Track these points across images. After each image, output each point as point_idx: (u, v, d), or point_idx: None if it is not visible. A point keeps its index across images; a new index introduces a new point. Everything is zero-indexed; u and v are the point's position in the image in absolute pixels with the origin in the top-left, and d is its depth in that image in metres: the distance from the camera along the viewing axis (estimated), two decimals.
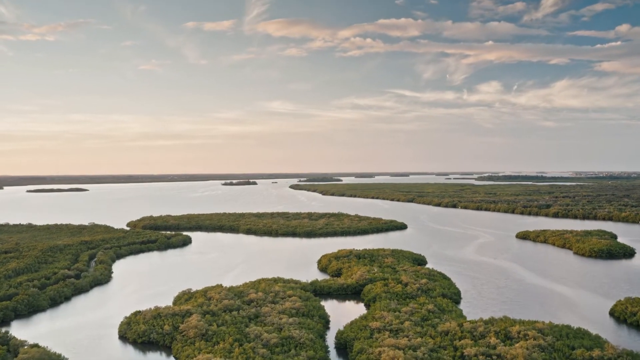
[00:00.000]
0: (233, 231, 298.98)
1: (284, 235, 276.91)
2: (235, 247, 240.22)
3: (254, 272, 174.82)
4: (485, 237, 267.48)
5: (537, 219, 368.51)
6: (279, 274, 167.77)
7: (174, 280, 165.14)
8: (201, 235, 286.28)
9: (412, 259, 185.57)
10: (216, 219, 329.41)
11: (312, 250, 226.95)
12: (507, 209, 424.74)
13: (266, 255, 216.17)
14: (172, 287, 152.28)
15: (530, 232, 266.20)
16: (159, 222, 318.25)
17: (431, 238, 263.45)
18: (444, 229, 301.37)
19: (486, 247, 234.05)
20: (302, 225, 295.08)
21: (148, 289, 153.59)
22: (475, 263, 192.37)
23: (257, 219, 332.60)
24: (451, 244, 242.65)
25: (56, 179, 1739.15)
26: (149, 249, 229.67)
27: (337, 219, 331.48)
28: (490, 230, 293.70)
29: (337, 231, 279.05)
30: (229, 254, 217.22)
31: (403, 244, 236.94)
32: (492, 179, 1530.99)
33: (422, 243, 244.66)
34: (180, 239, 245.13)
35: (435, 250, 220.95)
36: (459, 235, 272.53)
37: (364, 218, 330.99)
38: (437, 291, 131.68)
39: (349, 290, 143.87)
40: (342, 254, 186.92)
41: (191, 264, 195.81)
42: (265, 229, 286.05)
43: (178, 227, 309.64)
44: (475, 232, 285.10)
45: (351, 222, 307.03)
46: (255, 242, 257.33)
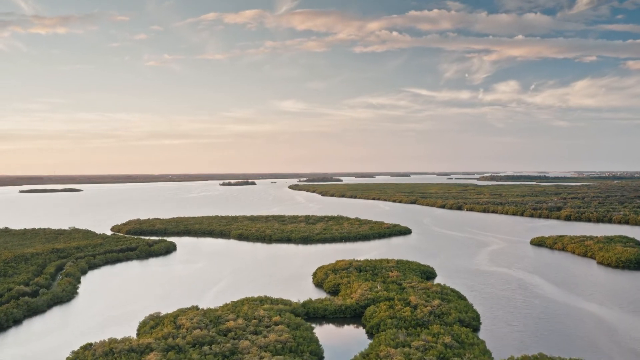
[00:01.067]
0: (224, 236, 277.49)
1: (278, 242, 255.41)
2: (223, 255, 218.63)
3: (240, 287, 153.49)
4: (497, 243, 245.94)
5: (548, 223, 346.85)
6: (268, 289, 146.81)
7: (147, 297, 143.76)
8: (189, 241, 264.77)
9: (420, 272, 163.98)
10: (206, 223, 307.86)
11: (308, 259, 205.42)
12: (516, 212, 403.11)
13: (256, 265, 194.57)
14: (143, 306, 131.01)
15: (546, 237, 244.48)
16: (145, 227, 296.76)
17: (438, 244, 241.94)
18: (451, 234, 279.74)
19: (499, 255, 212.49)
20: (298, 229, 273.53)
21: (114, 309, 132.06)
22: (490, 275, 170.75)
23: (250, 222, 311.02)
24: (460, 251, 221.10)
25: (54, 179, 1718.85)
26: (128, 258, 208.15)
27: (336, 222, 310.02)
28: (501, 236, 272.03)
29: (335, 237, 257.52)
30: (215, 264, 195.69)
31: (408, 252, 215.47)
32: (495, 179, 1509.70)
33: (428, 251, 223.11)
34: (163, 247, 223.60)
35: (444, 260, 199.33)
36: (468, 241, 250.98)
37: (365, 222, 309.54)
38: (453, 316, 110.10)
39: (348, 313, 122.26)
40: (341, 266, 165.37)
41: (171, 277, 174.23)
42: (258, 235, 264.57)
43: (165, 232, 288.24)
44: (485, 238, 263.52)
45: (351, 227, 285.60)
46: (246, 250, 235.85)
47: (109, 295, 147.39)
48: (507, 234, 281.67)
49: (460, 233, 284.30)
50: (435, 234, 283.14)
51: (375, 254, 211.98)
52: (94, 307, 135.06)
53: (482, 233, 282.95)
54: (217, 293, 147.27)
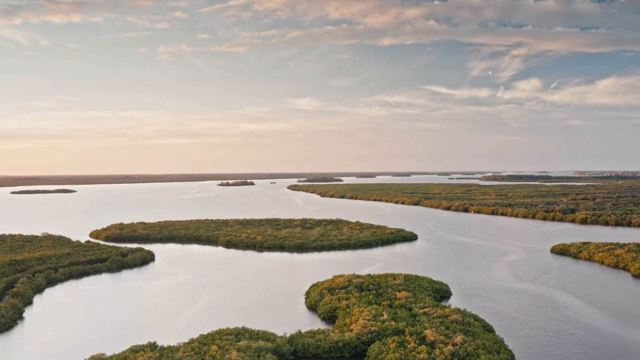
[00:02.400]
0: (211, 243, 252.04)
1: (270, 249, 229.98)
2: (206, 266, 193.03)
3: (218, 311, 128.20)
4: (513, 251, 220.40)
5: (564, 227, 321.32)
6: (251, 313, 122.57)
7: (103, 325, 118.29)
8: (171, 249, 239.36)
9: (433, 290, 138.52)
10: (193, 228, 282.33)
11: (301, 272, 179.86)
12: (527, 214, 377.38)
13: (241, 281, 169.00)
14: (92, 340, 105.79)
15: (568, 245, 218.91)
16: (126, 232, 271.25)
17: (448, 253, 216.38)
18: (460, 241, 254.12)
19: (519, 266, 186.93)
20: (292, 235, 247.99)
21: (56, 343, 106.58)
22: (514, 293, 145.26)
23: (241, 227, 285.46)
24: (474, 261, 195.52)
25: (50, 179, 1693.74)
26: (96, 271, 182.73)
27: (334, 227, 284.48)
28: (516, 242, 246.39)
29: (334, 244, 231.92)
30: (194, 279, 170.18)
31: (416, 263, 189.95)
32: (497, 178, 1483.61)
33: (438, 261, 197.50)
34: (138, 257, 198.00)
35: (458, 273, 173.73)
36: (481, 249, 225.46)
37: (366, 226, 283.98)
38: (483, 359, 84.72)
39: (347, 352, 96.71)
40: (339, 284, 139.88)
41: (139, 296, 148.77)
42: (248, 241, 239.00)
43: (147, 238, 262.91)
44: (499, 245, 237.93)
45: (351, 232, 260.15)
46: (234, 260, 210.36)
47: (56, 323, 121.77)
48: (523, 239, 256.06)
49: (470, 239, 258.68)
50: (444, 240, 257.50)
51: (379, 266, 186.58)
52: (33, 340, 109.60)
53: (495, 239, 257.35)
54: (188, 320, 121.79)
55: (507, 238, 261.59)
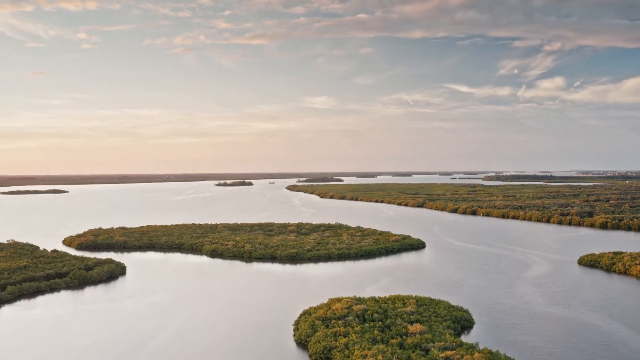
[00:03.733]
0: (194, 252, 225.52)
1: (260, 260, 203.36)
2: (183, 282, 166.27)
3: (183, 349, 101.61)
4: (535, 262, 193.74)
5: (584, 232, 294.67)
6: (226, 348, 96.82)
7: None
8: (149, 259, 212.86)
9: (451, 319, 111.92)
10: (177, 234, 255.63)
11: (292, 291, 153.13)
12: (540, 218, 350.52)
13: (220, 302, 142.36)
14: None
15: (597, 256, 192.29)
16: (102, 239, 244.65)
17: (462, 265, 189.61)
18: (473, 249, 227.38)
19: (546, 283, 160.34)
20: (285, 244, 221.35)
21: None
22: (551, 321, 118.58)
23: (230, 233, 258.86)
24: (494, 276, 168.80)
25: (47, 179, 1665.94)
26: (54, 288, 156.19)
27: (333, 233, 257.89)
28: (537, 251, 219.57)
29: (332, 254, 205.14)
30: (165, 300, 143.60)
31: (426, 278, 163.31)
32: (500, 178, 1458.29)
33: (452, 275, 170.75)
34: (105, 271, 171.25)
35: (478, 292, 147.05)
36: (498, 260, 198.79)
37: (368, 232, 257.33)
38: None
39: None
40: (336, 311, 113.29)
41: (93, 323, 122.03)
42: (235, 250, 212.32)
43: (124, 246, 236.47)
44: (517, 254, 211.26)
45: (352, 239, 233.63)
46: (217, 273, 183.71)
47: None
48: (543, 248, 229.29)
49: (484, 247, 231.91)
50: (454, 248, 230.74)
51: (384, 282, 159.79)
52: None
53: (512, 247, 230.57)
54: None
55: (525, 246, 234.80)
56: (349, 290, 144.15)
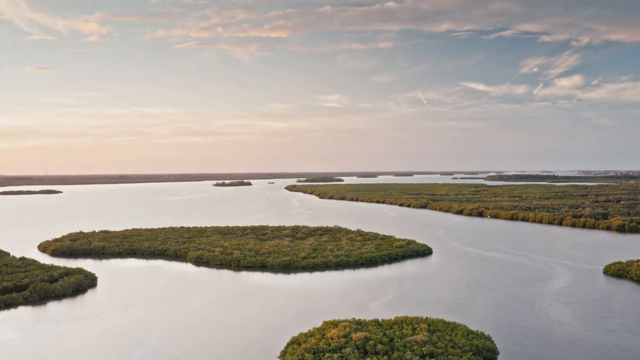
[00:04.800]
0: (179, 259, 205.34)
1: (249, 268, 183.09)
2: (159, 297, 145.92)
3: None
4: (556, 271, 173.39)
5: (600, 236, 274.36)
6: None
7: None
8: (126, 267, 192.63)
9: (472, 350, 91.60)
10: (161, 239, 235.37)
11: (281, 308, 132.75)
12: (552, 220, 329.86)
13: (196, 324, 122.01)
14: None
15: (625, 264, 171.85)
16: (79, 245, 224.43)
17: (474, 275, 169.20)
18: (485, 256, 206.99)
19: (572, 296, 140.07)
20: (278, 250, 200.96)
21: None
22: (591, 350, 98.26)
23: (219, 238, 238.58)
24: (513, 290, 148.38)
25: (44, 179, 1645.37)
26: (9, 304, 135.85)
27: (331, 237, 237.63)
28: (556, 259, 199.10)
29: (329, 262, 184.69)
30: (134, 322, 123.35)
31: (437, 294, 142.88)
32: (502, 178, 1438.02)
33: (465, 289, 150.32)
34: (71, 283, 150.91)
35: (498, 311, 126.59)
36: (515, 269, 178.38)
37: (369, 236, 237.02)
38: None
39: None
40: (331, 340, 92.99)
41: (41, 352, 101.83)
42: (223, 258, 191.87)
43: (103, 252, 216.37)
44: (535, 262, 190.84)
45: (352, 244, 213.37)
46: (200, 284, 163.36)
47: None
48: (561, 254, 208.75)
49: (497, 253, 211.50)
50: (464, 255, 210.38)
51: (389, 298, 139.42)
52: None
53: (527, 254, 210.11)
54: None
55: (540, 252, 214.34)
56: (347, 309, 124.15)
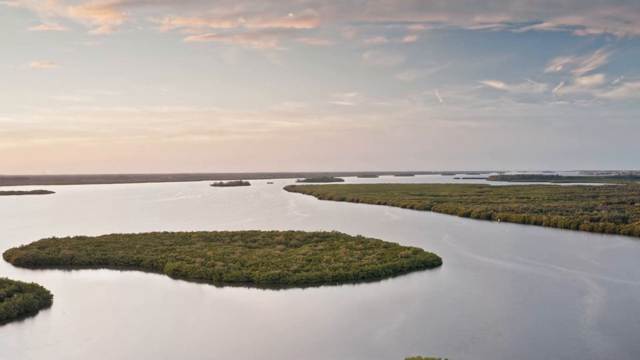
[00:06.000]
0: (155, 270, 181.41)
1: (232, 283, 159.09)
2: (118, 323, 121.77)
3: None
4: (587, 286, 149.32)
5: (624, 242, 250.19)
6: None
7: None
8: (94, 280, 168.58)
9: None
10: (138, 247, 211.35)
11: (260, 344, 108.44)
12: (568, 223, 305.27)
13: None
14: None
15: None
16: (46, 253, 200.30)
17: (493, 291, 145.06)
18: (501, 266, 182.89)
19: (615, 326, 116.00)
20: (267, 261, 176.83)
21: None
22: None
23: (204, 245, 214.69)
24: (544, 311, 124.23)
25: (41, 180, 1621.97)
26: None
27: (328, 245, 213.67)
28: (582, 271, 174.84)
29: (324, 275, 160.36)
30: (86, 355, 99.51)
31: (452, 317, 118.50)
32: (505, 178, 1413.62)
33: (485, 309, 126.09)
34: (16, 305, 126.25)
35: (528, 343, 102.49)
36: (538, 282, 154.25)
37: (371, 244, 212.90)
38: None
39: None
40: None
41: None
42: (203, 270, 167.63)
43: (72, 262, 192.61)
44: (562, 275, 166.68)
45: (350, 254, 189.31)
46: (171, 304, 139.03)
47: None
48: (588, 265, 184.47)
49: (515, 264, 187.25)
50: (479, 265, 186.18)
51: (397, 325, 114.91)
52: None
53: (550, 265, 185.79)
54: None
55: (564, 262, 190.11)
56: (345, 345, 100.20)
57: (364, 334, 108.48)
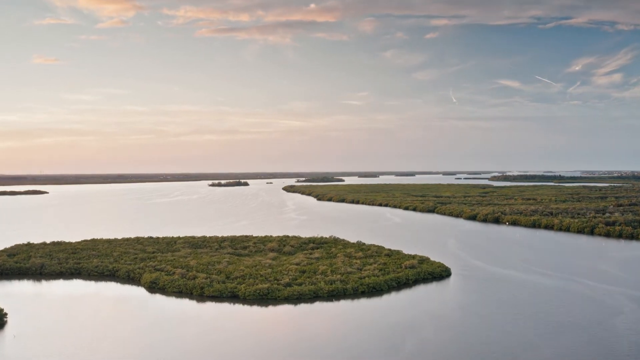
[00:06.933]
0: (131, 281, 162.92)
1: (215, 299, 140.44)
2: (78, 352, 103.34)
3: None
4: (619, 303, 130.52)
5: None
6: None
7: None
8: (61, 293, 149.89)
9: None
10: (116, 254, 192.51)
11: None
12: (581, 227, 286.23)
13: None
14: None
15: None
16: (15, 261, 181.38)
17: (512, 308, 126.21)
18: (518, 278, 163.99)
19: None
20: (257, 272, 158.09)
21: None
22: None
23: (189, 252, 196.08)
24: (572, 342, 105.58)
25: (37, 179, 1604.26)
26: None
27: (325, 252, 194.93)
28: (611, 285, 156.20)
29: (319, 290, 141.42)
30: None
31: (468, 345, 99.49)
32: (508, 179, 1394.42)
33: (506, 336, 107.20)
34: None
35: None
36: (563, 300, 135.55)
37: (372, 252, 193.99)
38: None
39: None
40: None
41: None
42: (183, 283, 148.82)
43: (41, 272, 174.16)
44: (586, 289, 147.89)
45: (349, 263, 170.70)
46: (145, 321, 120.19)
47: None
48: (617, 278, 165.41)
49: (533, 275, 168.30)
50: (491, 277, 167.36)
51: (404, 356, 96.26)
52: None
53: (573, 277, 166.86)
54: None
55: (589, 274, 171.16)
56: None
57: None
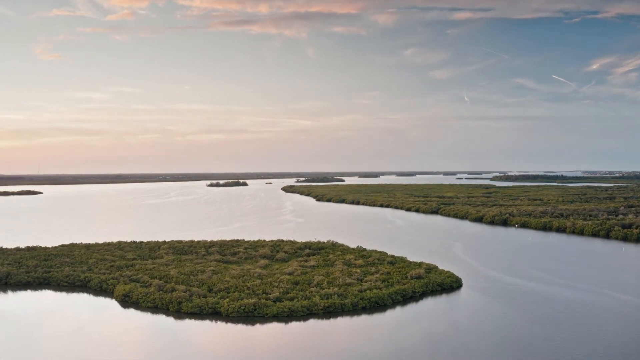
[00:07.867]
0: (104, 293, 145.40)
1: (194, 315, 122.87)
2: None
3: None
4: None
5: None
6: None
7: None
8: (22, 309, 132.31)
9: None
10: (92, 261, 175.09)
11: None
12: (596, 230, 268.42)
13: None
14: None
15: None
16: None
17: (541, 336, 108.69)
18: (537, 290, 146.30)
19: None
20: (243, 283, 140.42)
21: None
22: None
23: (172, 259, 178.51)
24: None
25: (35, 179, 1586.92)
26: None
27: (322, 260, 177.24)
28: (630, 296, 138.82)
29: (314, 306, 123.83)
30: None
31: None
32: (510, 178, 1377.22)
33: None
34: None
35: None
36: (594, 319, 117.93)
37: (374, 259, 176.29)
38: None
39: None
40: None
41: None
42: (159, 297, 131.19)
43: (7, 281, 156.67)
44: (616, 304, 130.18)
45: (349, 273, 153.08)
46: (111, 343, 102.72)
47: None
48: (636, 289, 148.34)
49: (554, 287, 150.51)
50: (508, 289, 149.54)
51: None
52: None
53: (599, 289, 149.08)
54: None
55: (616, 284, 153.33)
56: None
57: None
